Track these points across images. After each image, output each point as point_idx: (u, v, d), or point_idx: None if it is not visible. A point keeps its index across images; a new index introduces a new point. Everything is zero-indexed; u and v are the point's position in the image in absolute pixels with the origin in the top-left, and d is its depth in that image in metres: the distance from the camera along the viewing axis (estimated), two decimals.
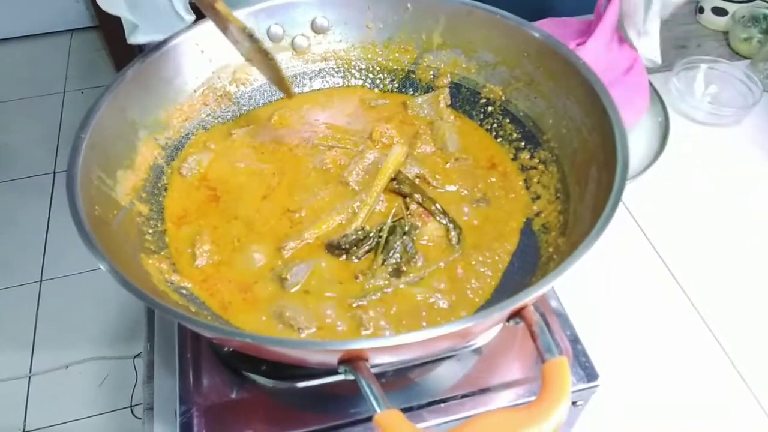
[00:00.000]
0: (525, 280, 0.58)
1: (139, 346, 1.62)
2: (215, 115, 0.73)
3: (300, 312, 0.56)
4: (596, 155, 0.59)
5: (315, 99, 0.78)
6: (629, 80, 0.88)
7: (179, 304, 0.55)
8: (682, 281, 0.76)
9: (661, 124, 0.92)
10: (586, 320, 0.66)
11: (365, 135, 0.74)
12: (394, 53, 0.77)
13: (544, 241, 0.61)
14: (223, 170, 0.69)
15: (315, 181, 0.69)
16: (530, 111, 0.69)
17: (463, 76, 0.74)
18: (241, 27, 0.62)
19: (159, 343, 0.68)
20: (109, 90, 0.62)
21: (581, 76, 0.62)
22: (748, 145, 0.93)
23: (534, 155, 0.68)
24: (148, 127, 0.67)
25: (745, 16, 1.09)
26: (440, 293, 0.58)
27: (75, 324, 1.70)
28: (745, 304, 0.74)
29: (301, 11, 0.74)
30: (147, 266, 0.57)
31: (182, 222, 0.64)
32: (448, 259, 0.61)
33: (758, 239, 0.81)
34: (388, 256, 0.60)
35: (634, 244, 0.81)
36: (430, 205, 0.64)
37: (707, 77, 1.01)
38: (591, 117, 0.60)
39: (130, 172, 0.63)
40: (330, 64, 0.78)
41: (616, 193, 0.50)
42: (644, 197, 0.85)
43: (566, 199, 0.62)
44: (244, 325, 0.56)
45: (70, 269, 1.81)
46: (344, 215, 0.64)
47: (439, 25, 0.73)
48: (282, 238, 0.63)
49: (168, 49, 0.67)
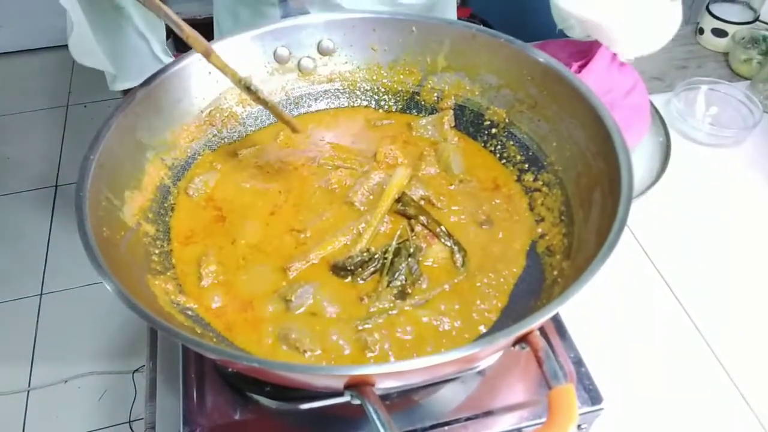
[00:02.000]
0: (530, 304, 0.58)
1: (138, 361, 1.62)
2: (222, 136, 0.74)
3: (305, 334, 0.56)
4: (600, 180, 0.59)
5: (320, 119, 0.79)
6: (630, 102, 0.88)
7: (185, 326, 0.55)
8: (684, 301, 0.77)
9: (662, 145, 0.92)
10: (589, 341, 0.66)
11: (370, 155, 0.74)
12: (398, 75, 0.77)
13: (548, 264, 0.61)
14: (229, 190, 0.70)
15: (320, 201, 0.69)
16: (534, 134, 0.70)
17: (467, 99, 0.75)
18: (237, 79, 0.63)
19: (162, 362, 0.68)
20: (118, 111, 0.63)
21: (585, 101, 0.63)
22: (749, 167, 0.94)
23: (538, 177, 0.69)
24: (156, 147, 0.67)
25: (745, 37, 1.11)
26: (445, 316, 0.58)
27: (74, 338, 1.69)
28: (748, 325, 0.74)
29: (307, 33, 0.75)
30: (153, 287, 0.57)
31: (188, 242, 0.64)
32: (452, 282, 0.61)
33: (759, 260, 0.81)
34: (393, 278, 0.60)
35: (636, 263, 0.81)
36: (435, 227, 0.64)
37: (708, 98, 1.02)
38: (595, 142, 0.61)
39: (137, 193, 0.64)
40: (335, 85, 0.79)
41: (621, 219, 0.51)
42: (646, 217, 0.85)
43: (570, 222, 0.62)
44: (249, 346, 0.57)
45: (71, 283, 1.80)
46: (349, 236, 0.64)
47: (443, 48, 0.74)
48: (287, 259, 0.63)
49: (176, 70, 0.68)
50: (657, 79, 1.11)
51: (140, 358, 1.63)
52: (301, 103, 0.78)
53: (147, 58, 0.83)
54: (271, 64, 0.75)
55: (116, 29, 0.84)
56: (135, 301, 0.47)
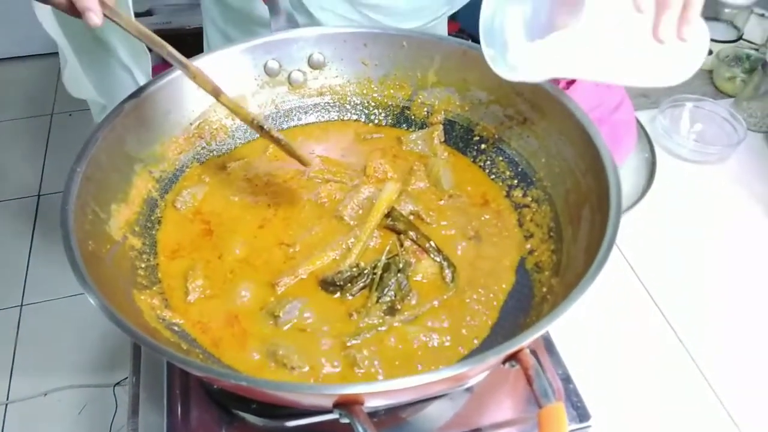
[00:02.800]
0: (519, 320, 0.58)
1: (119, 374, 1.59)
2: (210, 148, 0.73)
3: (293, 350, 0.55)
4: (589, 197, 0.60)
5: (310, 132, 0.79)
6: (617, 118, 0.89)
7: (171, 342, 0.55)
8: (670, 317, 0.77)
9: (648, 161, 0.93)
10: (576, 356, 0.66)
11: (359, 169, 0.74)
12: (389, 89, 0.78)
13: (537, 280, 0.61)
14: (217, 204, 0.69)
15: (309, 215, 0.69)
16: (523, 150, 0.70)
17: (457, 114, 0.76)
18: (249, 119, 0.63)
19: (145, 377, 0.67)
20: (106, 123, 0.62)
21: (574, 118, 0.63)
22: (733, 183, 0.95)
23: (527, 193, 0.69)
24: (144, 160, 0.67)
25: (729, 55, 1.13)
26: (435, 332, 0.58)
27: (55, 350, 1.66)
28: (733, 341, 0.75)
29: (298, 47, 0.75)
30: (139, 302, 0.56)
31: (175, 256, 0.64)
32: (442, 297, 0.61)
33: (744, 275, 0.82)
34: (383, 294, 0.60)
35: (621, 278, 0.81)
36: (425, 243, 0.64)
37: (693, 115, 1.03)
38: (584, 159, 0.61)
39: (123, 206, 0.63)
40: (326, 99, 0.78)
41: (610, 238, 0.51)
42: (632, 232, 0.86)
43: (559, 238, 0.63)
44: (236, 363, 0.56)
45: (52, 294, 1.77)
46: (338, 251, 0.64)
47: (433, 64, 0.74)
48: (276, 273, 0.63)
49: (166, 83, 0.67)
50: (643, 95, 1.12)
51: (121, 371, 1.61)
52: (291, 117, 0.78)
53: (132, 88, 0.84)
54: (262, 78, 0.75)
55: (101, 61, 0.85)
56: (120, 317, 0.47)
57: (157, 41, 0.58)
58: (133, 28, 0.57)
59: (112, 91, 0.87)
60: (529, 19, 0.58)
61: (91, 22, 0.54)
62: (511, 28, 0.59)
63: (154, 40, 0.58)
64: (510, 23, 0.59)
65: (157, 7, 2.21)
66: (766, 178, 0.95)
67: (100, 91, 0.85)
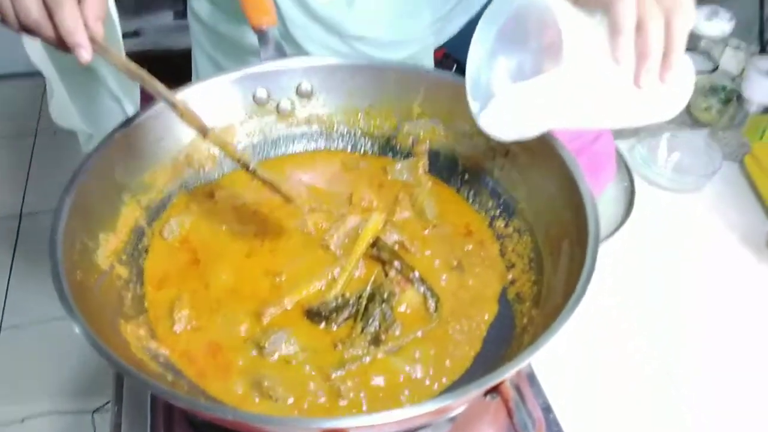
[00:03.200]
0: (501, 352, 0.59)
1: (98, 400, 1.56)
2: (198, 177, 0.74)
3: (278, 382, 0.56)
4: (568, 230, 0.61)
5: (297, 161, 0.80)
6: (597, 149, 0.91)
7: (157, 373, 0.55)
8: (650, 344, 0.79)
9: (627, 189, 0.96)
10: (556, 385, 0.67)
11: (345, 198, 0.75)
12: (375, 120, 0.79)
13: (518, 311, 0.63)
14: (204, 232, 0.70)
15: (296, 245, 0.69)
16: (506, 181, 0.72)
17: (442, 144, 0.77)
18: (236, 157, 0.63)
19: (128, 405, 0.68)
20: (96, 152, 0.63)
21: (555, 152, 0.65)
22: (709, 212, 0.97)
23: (509, 224, 0.71)
24: (133, 188, 0.67)
25: (706, 86, 1.16)
26: (418, 363, 0.59)
27: (33, 375, 1.62)
28: (712, 368, 0.76)
29: (287, 77, 0.76)
30: (125, 333, 0.57)
31: (162, 285, 0.64)
32: (425, 328, 0.62)
33: (721, 302, 0.84)
34: (367, 324, 0.61)
35: (602, 306, 0.83)
36: (409, 273, 0.66)
37: (670, 145, 1.06)
38: (564, 192, 0.63)
39: (111, 235, 0.63)
40: (313, 128, 0.80)
41: (587, 272, 0.53)
42: (612, 260, 0.87)
43: (539, 269, 0.64)
44: (221, 394, 0.56)
45: (32, 317, 1.73)
46: (324, 281, 0.65)
47: (419, 96, 0.76)
48: (262, 303, 0.63)
49: (155, 112, 0.68)
50: None
51: (100, 397, 1.59)
52: (278, 145, 0.79)
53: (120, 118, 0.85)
54: (250, 106, 0.76)
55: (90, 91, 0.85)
56: (108, 350, 0.47)
57: (145, 78, 0.59)
58: (122, 64, 0.58)
59: (100, 121, 0.87)
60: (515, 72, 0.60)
61: (81, 58, 0.54)
62: (497, 82, 0.61)
63: (142, 76, 0.58)
64: (496, 77, 0.61)
65: (145, 28, 2.21)
66: (741, 206, 0.98)
67: (87, 121, 0.86)
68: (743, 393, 0.74)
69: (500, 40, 0.60)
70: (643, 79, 0.51)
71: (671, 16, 0.52)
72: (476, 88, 0.63)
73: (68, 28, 0.54)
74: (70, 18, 0.53)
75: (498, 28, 0.60)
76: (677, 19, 0.52)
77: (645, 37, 0.51)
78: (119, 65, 0.58)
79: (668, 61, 0.52)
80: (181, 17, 2.28)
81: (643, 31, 0.51)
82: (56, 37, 0.55)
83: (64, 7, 0.53)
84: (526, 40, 0.60)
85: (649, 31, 0.51)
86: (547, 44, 0.58)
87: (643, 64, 0.51)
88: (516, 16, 0.59)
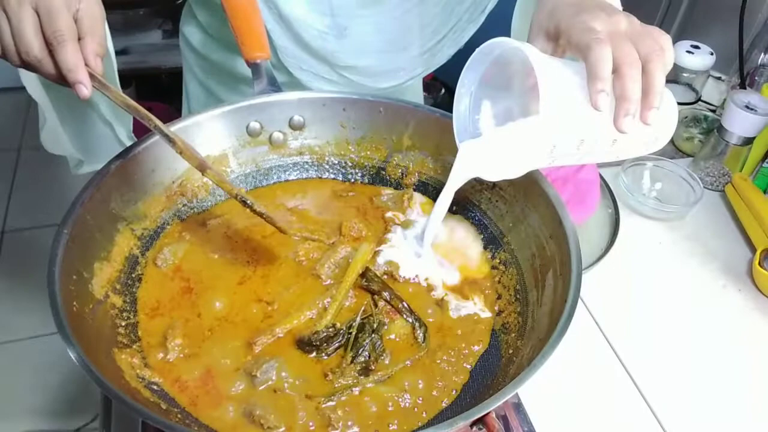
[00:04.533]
0: (487, 381, 0.61)
1: (79, 420, 1.55)
2: (191, 206, 0.76)
3: (269, 411, 0.57)
4: (552, 262, 0.63)
5: (288, 189, 0.81)
6: (582, 177, 0.94)
7: (150, 402, 0.56)
8: (633, 371, 0.80)
9: (612, 217, 0.98)
10: (542, 412, 0.69)
11: (335, 226, 0.77)
12: (365, 151, 0.81)
13: (504, 341, 0.64)
14: (197, 261, 0.71)
15: (287, 273, 0.71)
16: (492, 213, 0.74)
17: (430, 176, 0.79)
18: (234, 193, 0.65)
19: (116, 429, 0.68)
20: (92, 183, 0.64)
21: (539, 186, 0.67)
22: (690, 240, 1.00)
23: (495, 255, 0.72)
24: (127, 218, 0.69)
25: (688, 116, 1.19)
26: (407, 393, 0.60)
27: (13, 394, 1.61)
28: (695, 395, 0.78)
29: (279, 110, 0.78)
30: (119, 361, 0.58)
31: (155, 314, 0.65)
32: (414, 357, 0.63)
33: (703, 328, 0.86)
34: (357, 354, 0.62)
35: (586, 332, 0.85)
36: (398, 303, 0.67)
37: (653, 174, 1.09)
38: (548, 226, 0.65)
39: (106, 264, 0.65)
40: (305, 158, 0.82)
41: (570, 307, 0.55)
42: (597, 287, 0.89)
43: (525, 301, 0.66)
44: (213, 422, 0.57)
45: (12, 335, 1.72)
46: (314, 310, 0.66)
47: (408, 129, 0.78)
48: (254, 331, 0.64)
49: (151, 144, 0.69)
50: None
51: (81, 416, 1.57)
52: (270, 175, 0.81)
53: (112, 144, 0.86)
54: (243, 137, 0.78)
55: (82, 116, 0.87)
56: (105, 380, 0.48)
57: (143, 114, 0.60)
58: (120, 100, 0.60)
59: (91, 147, 0.88)
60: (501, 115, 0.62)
61: (81, 94, 0.56)
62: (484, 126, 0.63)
63: (140, 112, 0.60)
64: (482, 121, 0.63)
65: (133, 46, 2.23)
66: (722, 235, 1.00)
67: (78, 147, 0.87)
68: (724, 418, 0.76)
69: (485, 85, 0.63)
70: (623, 124, 0.53)
71: (649, 58, 0.54)
72: (464, 133, 0.65)
73: (69, 66, 0.55)
74: (71, 57, 0.55)
75: (480, 74, 0.63)
76: (655, 62, 0.53)
77: (623, 81, 0.52)
78: (118, 101, 0.60)
79: (648, 102, 0.53)
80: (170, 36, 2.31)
81: (621, 75, 0.53)
82: (57, 74, 0.57)
83: (66, 46, 0.55)
84: (510, 84, 0.62)
85: (625, 76, 0.52)
86: (532, 85, 0.60)
87: (622, 108, 0.53)
88: (498, 62, 0.61)
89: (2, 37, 0.57)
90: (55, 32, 0.55)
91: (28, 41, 0.56)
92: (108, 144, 0.90)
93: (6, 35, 0.56)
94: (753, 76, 1.19)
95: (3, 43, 0.57)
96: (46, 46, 0.56)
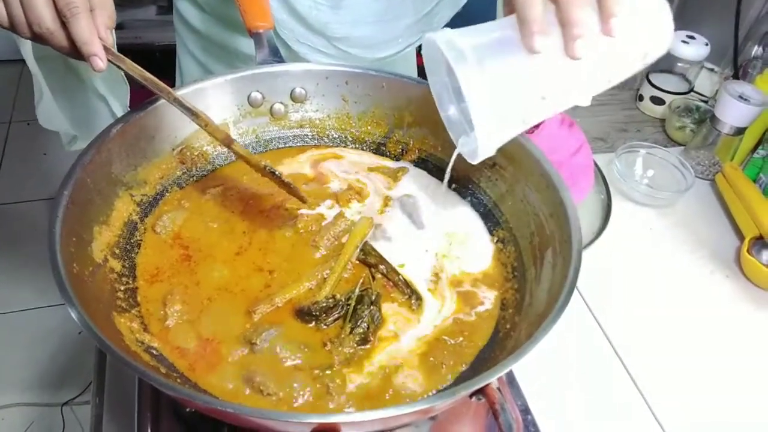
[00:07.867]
0: (485, 354, 0.62)
1: (67, 393, 1.55)
2: (191, 174, 0.75)
3: (269, 378, 0.57)
4: (552, 240, 0.64)
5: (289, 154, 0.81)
6: (576, 161, 0.95)
7: (150, 366, 0.56)
8: (621, 353, 0.82)
9: (604, 202, 0.99)
10: (532, 387, 0.70)
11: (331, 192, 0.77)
12: (366, 126, 0.81)
13: (501, 317, 0.65)
14: (196, 229, 0.71)
15: (286, 245, 0.71)
16: (491, 191, 0.75)
17: (430, 153, 0.80)
18: (261, 166, 0.65)
19: (110, 399, 0.68)
20: (92, 146, 0.64)
21: (540, 166, 0.68)
22: (680, 227, 1.02)
23: (493, 233, 0.73)
24: (127, 183, 0.68)
25: (680, 106, 1.21)
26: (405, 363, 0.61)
27: (2, 367, 1.60)
28: (682, 376, 0.80)
29: (281, 81, 0.78)
30: (119, 325, 0.58)
31: (154, 280, 0.65)
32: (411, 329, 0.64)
33: (691, 312, 0.88)
34: (356, 325, 0.62)
35: (577, 314, 0.86)
36: (394, 277, 0.68)
37: (646, 161, 1.10)
38: (548, 205, 0.66)
39: (105, 228, 0.64)
40: (305, 131, 0.81)
41: (570, 283, 0.55)
42: (588, 270, 0.90)
43: (522, 278, 0.67)
44: (212, 388, 0.58)
45: (2, 308, 1.71)
46: (314, 281, 0.67)
47: (410, 105, 0.78)
48: (252, 301, 0.64)
49: (153, 108, 0.69)
50: (600, 139, 1.19)
51: (70, 390, 1.57)
52: (270, 147, 0.81)
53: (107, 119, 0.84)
54: (245, 107, 0.78)
55: (75, 91, 0.85)
56: (108, 342, 0.48)
57: (161, 87, 0.59)
58: (138, 73, 0.59)
59: (86, 122, 0.87)
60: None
61: (96, 66, 0.55)
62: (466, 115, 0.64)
63: (159, 85, 0.59)
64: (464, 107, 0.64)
65: (127, 21, 2.20)
66: (711, 223, 1.02)
67: (73, 122, 0.85)
68: (713, 400, 0.78)
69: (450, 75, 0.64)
70: (574, 49, 0.47)
71: None
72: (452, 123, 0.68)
73: (84, 38, 0.54)
74: (86, 29, 0.54)
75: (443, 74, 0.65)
76: None
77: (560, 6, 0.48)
78: (135, 73, 0.59)
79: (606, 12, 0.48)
80: (165, 12, 2.28)
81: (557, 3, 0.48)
82: (69, 46, 0.56)
83: (80, 18, 0.54)
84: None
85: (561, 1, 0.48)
86: None
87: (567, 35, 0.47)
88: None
89: (11, 8, 0.55)
90: (69, 3, 0.54)
91: (39, 12, 0.54)
92: (103, 119, 0.89)
93: (15, 6, 0.54)
94: (746, 68, 1.20)
95: (12, 13, 0.55)
96: (58, 17, 0.55)
